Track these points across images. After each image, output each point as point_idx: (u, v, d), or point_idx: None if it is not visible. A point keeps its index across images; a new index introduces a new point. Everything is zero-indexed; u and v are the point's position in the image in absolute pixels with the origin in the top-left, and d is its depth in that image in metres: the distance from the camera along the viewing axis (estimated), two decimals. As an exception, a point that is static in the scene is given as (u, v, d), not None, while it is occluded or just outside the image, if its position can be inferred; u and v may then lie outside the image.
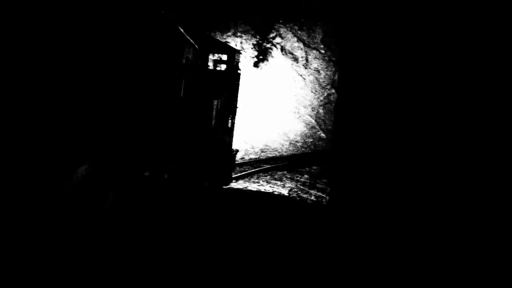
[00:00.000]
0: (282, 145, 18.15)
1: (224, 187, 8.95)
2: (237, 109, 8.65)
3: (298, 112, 20.24)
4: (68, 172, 3.86)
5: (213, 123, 7.34)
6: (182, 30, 5.69)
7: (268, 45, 20.38)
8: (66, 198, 3.79)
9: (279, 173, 12.22)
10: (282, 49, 20.59)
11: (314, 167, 13.79)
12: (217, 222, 6.45)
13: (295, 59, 20.72)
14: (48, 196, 3.64)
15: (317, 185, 11.50)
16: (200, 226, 6.01)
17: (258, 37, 20.01)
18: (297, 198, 9.76)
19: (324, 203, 9.94)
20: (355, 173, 13.84)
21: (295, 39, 20.83)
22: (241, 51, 9.78)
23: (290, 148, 18.04)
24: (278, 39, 20.70)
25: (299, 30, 20.97)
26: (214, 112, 7.30)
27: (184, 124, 6.27)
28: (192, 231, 5.73)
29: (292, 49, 20.73)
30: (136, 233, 4.82)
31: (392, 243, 7.94)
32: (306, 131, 19.48)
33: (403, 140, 17.49)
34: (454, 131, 17.55)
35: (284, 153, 16.68)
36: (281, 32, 20.56)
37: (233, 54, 8.01)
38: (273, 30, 20.35)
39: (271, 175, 11.77)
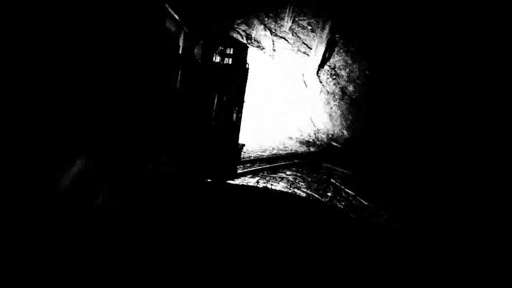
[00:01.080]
0: (247, 144, 16.25)
1: (228, 181, 8.91)
2: (244, 103, 8.51)
3: (264, 108, 18.42)
4: (63, 168, 3.67)
5: (213, 116, 7.44)
6: (179, 20, 5.67)
7: (233, 32, 18.28)
8: (60, 195, 3.64)
9: (252, 180, 10.41)
10: (248, 36, 18.60)
11: (288, 172, 12.12)
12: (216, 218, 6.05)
13: (261, 48, 18.83)
14: (39, 194, 3.44)
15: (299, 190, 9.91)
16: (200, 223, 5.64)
17: (224, 23, 17.84)
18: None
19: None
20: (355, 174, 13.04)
21: (262, 26, 18.94)
22: (248, 45, 9.48)
23: (256, 148, 16.21)
24: (243, 26, 18.67)
25: (265, 17, 19.09)
26: (215, 106, 7.38)
27: (184, 117, 6.26)
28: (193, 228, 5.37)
29: (258, 37, 18.81)
30: (136, 233, 4.55)
31: (392, 243, 7.63)
32: (274, 130, 17.74)
33: (402, 142, 16.62)
34: (449, 134, 17.04)
35: (251, 154, 14.84)
36: (246, 18, 18.55)
37: (239, 48, 7.95)
38: (238, 16, 18.28)
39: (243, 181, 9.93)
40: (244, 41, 18.53)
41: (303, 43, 19.02)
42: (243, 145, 9.29)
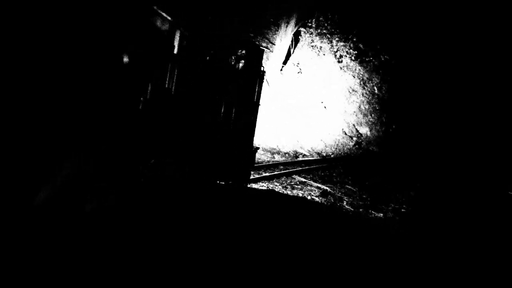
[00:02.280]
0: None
1: (241, 186, 8.59)
2: (259, 106, 8.38)
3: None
4: (44, 177, 3.32)
5: (221, 119, 7.32)
6: (172, 20, 5.45)
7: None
8: (39, 211, 3.29)
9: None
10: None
11: (259, 189, 10.02)
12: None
13: (219, 41, 16.51)
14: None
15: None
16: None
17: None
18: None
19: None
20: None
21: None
22: (264, 49, 8.95)
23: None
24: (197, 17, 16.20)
25: (222, 5, 16.77)
26: (222, 109, 7.28)
27: (187, 117, 6.19)
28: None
29: (214, 28, 16.46)
30: (136, 232, 4.29)
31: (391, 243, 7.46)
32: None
33: (399, 143, 15.26)
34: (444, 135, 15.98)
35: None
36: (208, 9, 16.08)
37: (253, 50, 7.86)
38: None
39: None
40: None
41: (265, 37, 17.00)
42: (257, 148, 8.82)
